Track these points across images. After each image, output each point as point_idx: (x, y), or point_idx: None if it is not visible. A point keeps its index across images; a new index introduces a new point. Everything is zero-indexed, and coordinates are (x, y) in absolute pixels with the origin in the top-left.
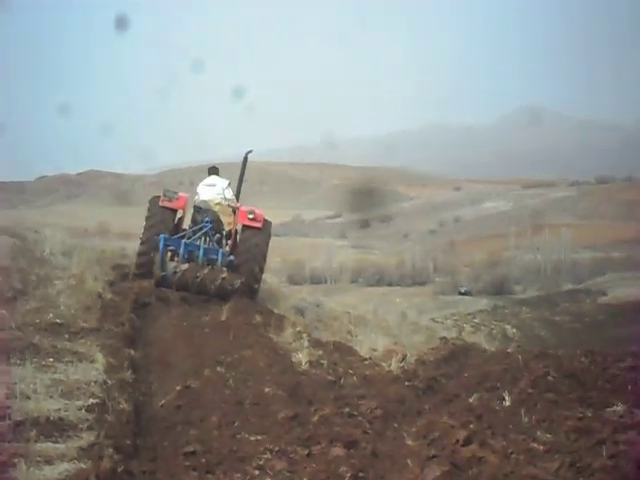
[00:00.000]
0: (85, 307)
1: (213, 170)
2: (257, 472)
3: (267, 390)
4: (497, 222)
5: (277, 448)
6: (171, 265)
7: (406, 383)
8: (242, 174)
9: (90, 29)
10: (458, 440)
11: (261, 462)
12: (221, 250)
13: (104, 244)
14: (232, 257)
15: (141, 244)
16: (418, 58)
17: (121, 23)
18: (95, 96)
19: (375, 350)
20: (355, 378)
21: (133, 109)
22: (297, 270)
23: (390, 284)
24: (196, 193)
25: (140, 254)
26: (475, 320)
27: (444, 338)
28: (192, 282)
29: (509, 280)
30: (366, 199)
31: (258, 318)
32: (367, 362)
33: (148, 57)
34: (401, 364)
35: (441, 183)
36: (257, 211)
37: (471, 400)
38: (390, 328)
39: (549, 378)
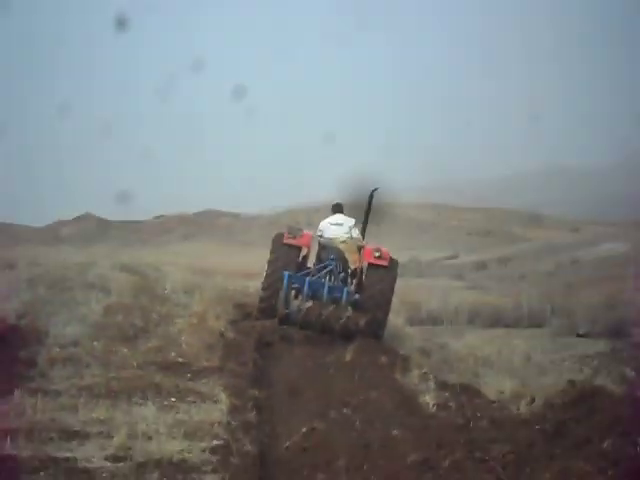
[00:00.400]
0: (207, 346)
1: (338, 208)
2: None
3: (395, 433)
4: (615, 264)
5: None
6: (295, 303)
7: (536, 427)
8: (367, 212)
9: (90, 29)
10: None
11: None
12: (346, 288)
13: (225, 282)
14: (357, 295)
15: (264, 282)
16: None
17: (121, 23)
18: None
19: (502, 392)
20: (485, 421)
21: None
22: (414, 311)
23: (507, 325)
24: (319, 231)
25: (263, 291)
26: (594, 362)
27: (572, 381)
28: (316, 320)
29: (627, 323)
30: (482, 240)
31: (383, 359)
32: (495, 405)
33: (148, 57)
34: (530, 407)
35: (558, 224)
36: (383, 249)
37: (604, 445)
38: (515, 370)
39: None
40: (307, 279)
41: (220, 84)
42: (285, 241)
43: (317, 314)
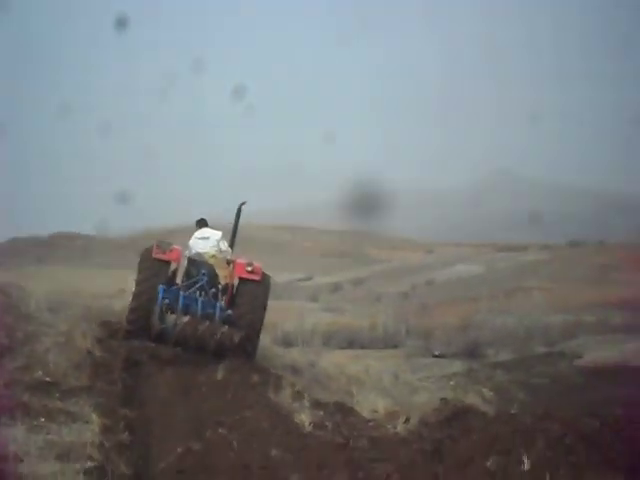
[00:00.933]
0: (75, 365)
1: (203, 222)
2: None
3: (274, 453)
4: (469, 285)
5: None
6: (171, 318)
7: (414, 446)
8: (236, 226)
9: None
10: None
11: None
12: (219, 304)
13: (89, 302)
14: (230, 311)
15: (134, 298)
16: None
17: (121, 23)
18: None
19: (376, 411)
20: (364, 440)
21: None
22: (272, 332)
23: (362, 347)
24: (187, 247)
25: (133, 309)
26: (451, 383)
27: (444, 399)
28: (192, 336)
29: (481, 343)
30: (337, 261)
31: (255, 377)
32: (371, 424)
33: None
34: (406, 425)
35: (412, 246)
36: (256, 264)
37: (488, 464)
38: (386, 389)
39: (565, 441)
40: (181, 293)
41: (220, 84)
42: (155, 256)
43: (193, 329)
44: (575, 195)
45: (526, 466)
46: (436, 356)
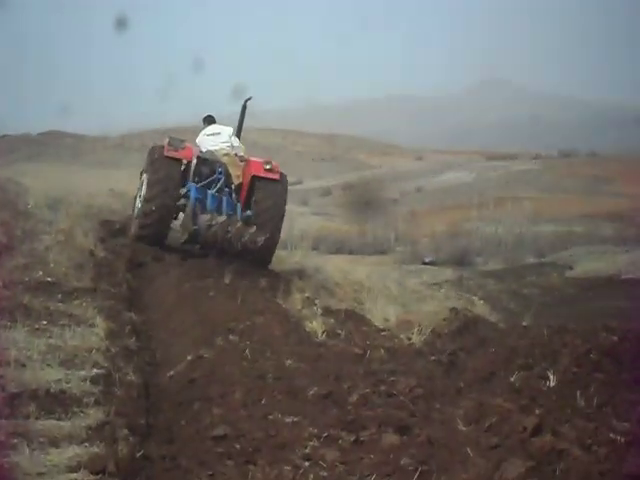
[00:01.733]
0: (77, 265)
1: (211, 118)
2: (307, 463)
3: (288, 363)
4: (459, 193)
5: (325, 434)
6: (204, 218)
7: (431, 357)
8: (241, 123)
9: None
10: (526, 428)
11: (307, 450)
12: (238, 204)
13: (88, 199)
14: (249, 212)
15: (148, 200)
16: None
17: (121, 23)
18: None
19: (387, 320)
20: (381, 351)
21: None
22: None
23: (351, 252)
24: (196, 145)
25: (147, 212)
26: (442, 290)
27: (454, 309)
28: (222, 237)
29: (470, 252)
30: (328, 167)
31: (263, 282)
32: (384, 333)
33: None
34: (421, 336)
35: (403, 152)
36: (274, 162)
37: (512, 379)
38: (394, 296)
39: (591, 356)
40: (209, 192)
41: (220, 84)
42: (166, 154)
43: (224, 231)
44: (568, 104)
45: (552, 382)
46: (426, 263)
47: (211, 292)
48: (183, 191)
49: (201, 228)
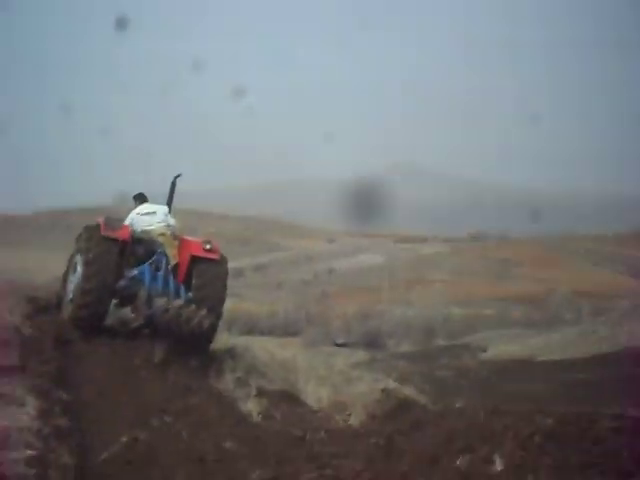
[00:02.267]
0: (3, 342)
1: (142, 197)
2: None
3: (228, 445)
4: (370, 275)
5: None
6: (159, 302)
7: (371, 440)
8: (170, 200)
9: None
10: None
11: None
12: (182, 286)
13: (10, 276)
14: (190, 294)
15: (86, 280)
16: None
17: (121, 23)
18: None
19: (321, 401)
20: (322, 433)
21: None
22: None
23: (262, 333)
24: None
25: (86, 292)
26: (355, 373)
27: (385, 390)
28: (175, 322)
29: (382, 333)
30: (240, 248)
31: (194, 361)
32: (320, 414)
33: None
34: (356, 417)
35: (315, 235)
36: (213, 242)
37: (458, 463)
38: (322, 377)
39: (535, 439)
40: (159, 274)
41: (220, 84)
42: (104, 233)
43: (177, 314)
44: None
45: (499, 466)
46: (338, 345)
47: (141, 371)
48: (133, 273)
49: (156, 312)
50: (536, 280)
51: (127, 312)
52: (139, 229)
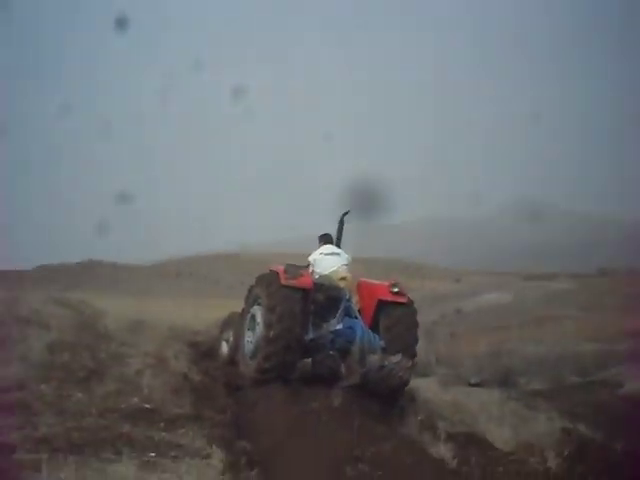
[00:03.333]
0: (173, 390)
1: (328, 238)
2: None
3: None
4: (498, 314)
5: None
6: (374, 358)
7: None
8: (339, 238)
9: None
10: None
11: None
12: (377, 335)
13: (169, 320)
14: (382, 342)
15: (269, 340)
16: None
17: (121, 24)
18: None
19: (507, 442)
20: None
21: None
22: None
23: None
24: (310, 266)
25: (270, 343)
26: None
27: (566, 429)
28: (389, 377)
29: (513, 372)
30: None
31: (375, 404)
32: (513, 457)
33: (148, 57)
34: (552, 460)
35: (441, 275)
36: (400, 284)
37: None
38: (500, 417)
39: None
40: (360, 324)
41: (220, 84)
42: (284, 282)
43: (391, 370)
44: (601, 224)
45: None
46: (472, 384)
47: (322, 416)
48: (336, 326)
49: (371, 370)
50: None
51: (307, 364)
52: (323, 270)
